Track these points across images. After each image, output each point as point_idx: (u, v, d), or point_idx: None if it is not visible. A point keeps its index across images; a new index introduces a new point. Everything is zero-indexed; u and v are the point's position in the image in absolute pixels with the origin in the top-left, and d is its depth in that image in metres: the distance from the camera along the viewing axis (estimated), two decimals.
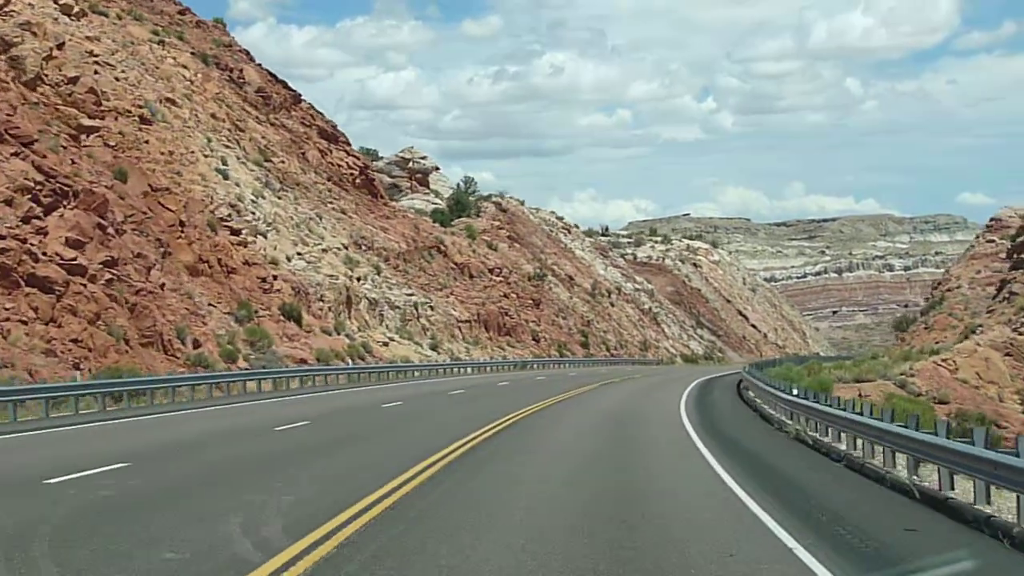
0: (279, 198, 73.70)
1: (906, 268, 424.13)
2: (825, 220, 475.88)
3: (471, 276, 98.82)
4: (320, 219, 76.88)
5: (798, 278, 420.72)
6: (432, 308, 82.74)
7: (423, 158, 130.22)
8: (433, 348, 77.65)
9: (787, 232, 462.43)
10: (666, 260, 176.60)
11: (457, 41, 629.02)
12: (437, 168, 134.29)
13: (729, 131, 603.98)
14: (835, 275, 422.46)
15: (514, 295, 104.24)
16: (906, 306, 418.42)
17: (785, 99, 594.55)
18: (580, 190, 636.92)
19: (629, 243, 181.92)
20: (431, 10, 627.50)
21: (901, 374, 64.29)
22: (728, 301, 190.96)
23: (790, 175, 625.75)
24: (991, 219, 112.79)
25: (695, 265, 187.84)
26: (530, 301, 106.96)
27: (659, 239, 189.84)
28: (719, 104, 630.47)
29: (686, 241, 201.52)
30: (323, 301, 67.52)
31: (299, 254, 69.36)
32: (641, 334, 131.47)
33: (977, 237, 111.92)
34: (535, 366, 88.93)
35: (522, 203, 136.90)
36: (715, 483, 17.42)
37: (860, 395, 50.98)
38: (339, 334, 66.93)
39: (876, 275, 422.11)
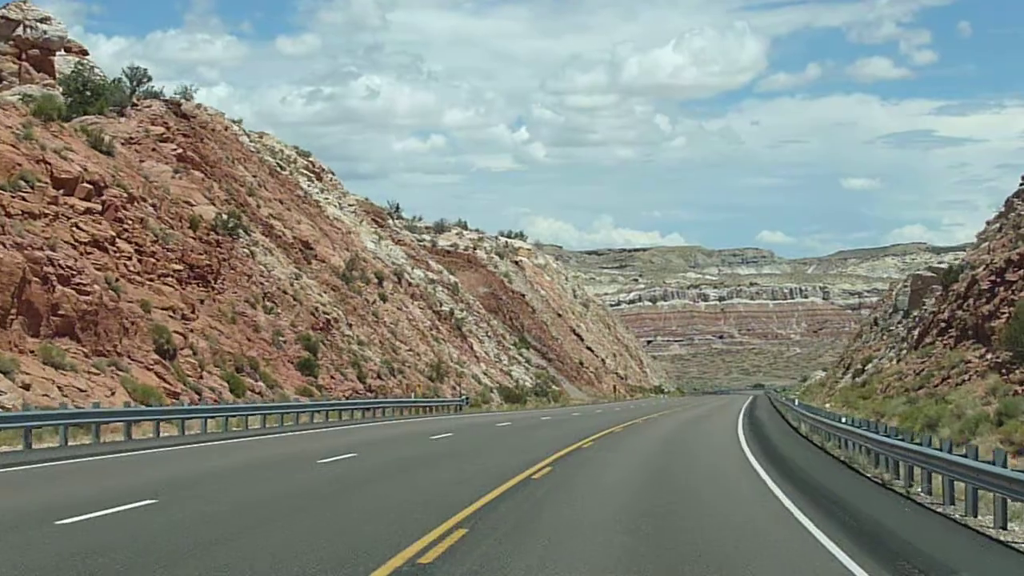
0: None
1: (720, 299, 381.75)
2: (636, 250, 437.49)
3: None
4: None
5: (612, 306, 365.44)
6: None
7: (44, 21, 65.17)
8: None
9: (598, 261, 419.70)
10: (478, 251, 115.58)
11: (272, 59, 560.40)
12: (85, 52, 69.51)
13: (541, 162, 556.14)
14: (649, 303, 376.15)
15: (128, 245, 41.06)
16: (721, 336, 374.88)
17: (597, 133, 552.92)
18: None
19: (428, 229, 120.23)
20: (245, 26, 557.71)
21: None
22: (559, 315, 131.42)
23: (600, 208, 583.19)
24: None
25: (516, 264, 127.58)
26: (178, 268, 43.83)
27: (470, 228, 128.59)
28: (532, 135, 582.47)
29: (504, 239, 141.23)
30: None
31: None
32: (433, 352, 69.82)
33: None
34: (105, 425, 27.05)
35: (238, 122, 73.51)
36: None
37: None
38: None
39: (691, 304, 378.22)
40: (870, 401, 58.65)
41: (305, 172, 77.72)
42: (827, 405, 66.96)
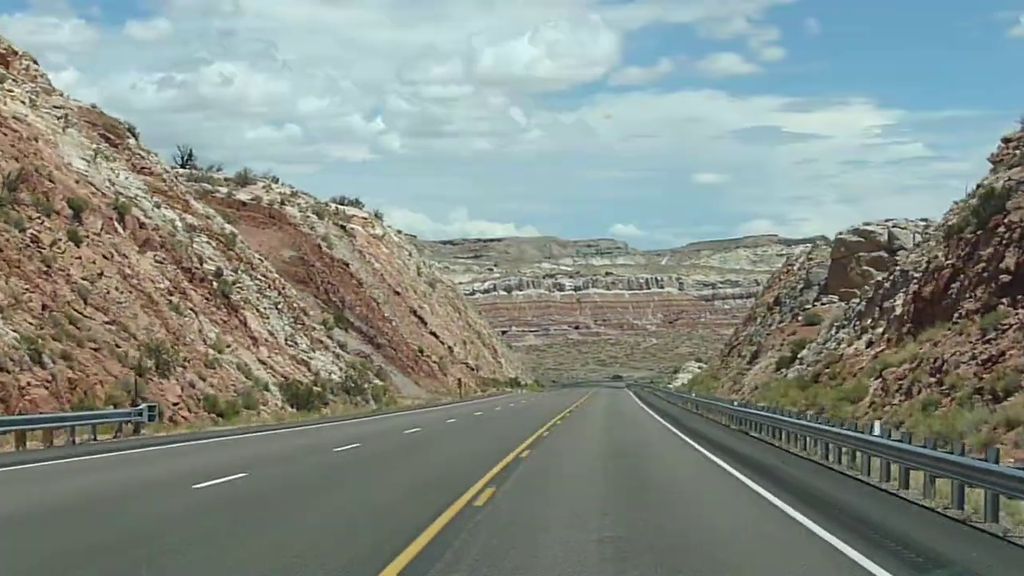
0: None
1: (576, 288, 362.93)
2: (491, 240, 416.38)
3: None
4: None
5: (467, 295, 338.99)
6: None
7: None
8: None
9: (453, 251, 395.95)
10: (288, 207, 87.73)
11: (121, 44, 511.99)
12: None
13: (397, 153, 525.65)
14: (504, 293, 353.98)
15: None
16: (577, 327, 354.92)
17: (453, 124, 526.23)
18: None
19: (228, 181, 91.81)
20: (94, 9, 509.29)
21: None
22: (397, 293, 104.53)
23: (455, 200, 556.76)
24: None
25: (343, 229, 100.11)
26: None
27: (283, 183, 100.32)
28: (388, 125, 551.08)
29: (335, 205, 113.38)
30: None
31: None
32: (167, 327, 42.50)
33: None
34: None
35: None
36: None
37: None
38: None
39: (546, 295, 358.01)
40: (883, 410, 34.26)
41: None
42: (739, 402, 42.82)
